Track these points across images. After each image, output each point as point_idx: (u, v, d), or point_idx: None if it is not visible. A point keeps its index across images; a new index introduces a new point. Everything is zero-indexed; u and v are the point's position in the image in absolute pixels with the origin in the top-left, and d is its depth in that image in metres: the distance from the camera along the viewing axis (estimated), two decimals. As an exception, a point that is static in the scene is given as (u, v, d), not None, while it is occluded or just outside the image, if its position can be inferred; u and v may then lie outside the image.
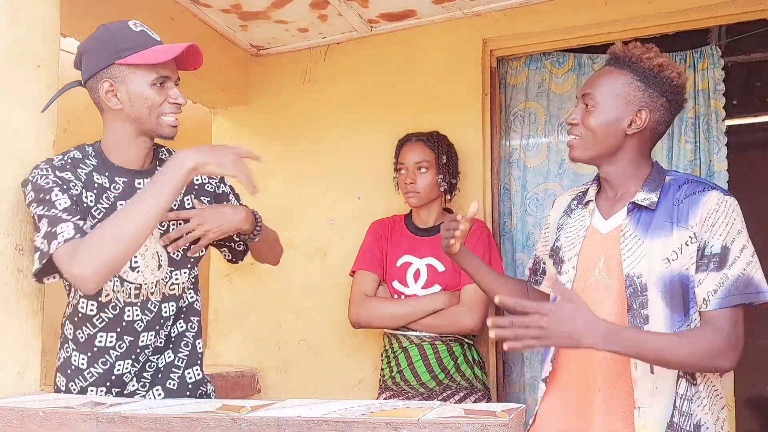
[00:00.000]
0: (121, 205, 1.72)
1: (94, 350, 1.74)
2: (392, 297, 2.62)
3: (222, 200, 1.93)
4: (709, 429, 1.63)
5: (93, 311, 1.73)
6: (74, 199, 1.63)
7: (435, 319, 2.52)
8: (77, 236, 1.56)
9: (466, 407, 1.30)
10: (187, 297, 1.85)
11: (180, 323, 1.84)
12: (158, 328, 1.79)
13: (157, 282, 1.78)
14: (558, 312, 1.52)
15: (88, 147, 1.76)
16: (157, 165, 1.82)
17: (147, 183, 1.77)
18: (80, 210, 1.64)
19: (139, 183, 1.76)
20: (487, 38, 2.96)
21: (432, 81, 3.01)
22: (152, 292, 1.77)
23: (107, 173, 1.74)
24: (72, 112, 2.66)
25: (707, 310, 1.61)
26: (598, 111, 1.74)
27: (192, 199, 1.86)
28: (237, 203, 1.95)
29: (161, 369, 1.81)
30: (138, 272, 1.74)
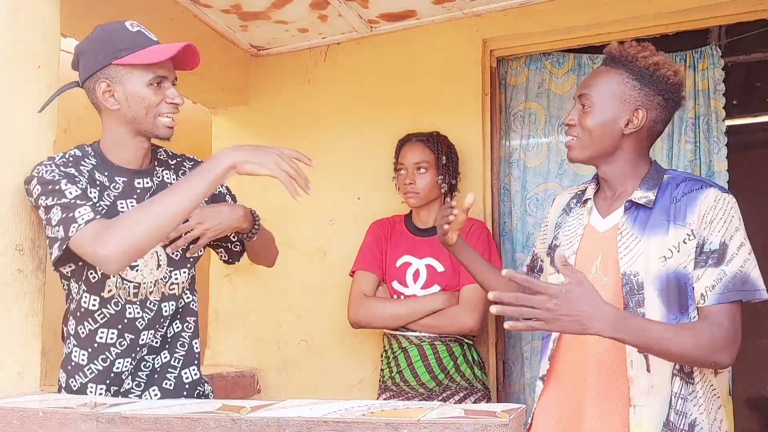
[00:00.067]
0: (122, 205, 1.72)
1: (95, 346, 1.74)
2: (392, 297, 2.62)
3: (219, 200, 1.94)
4: (704, 429, 1.62)
5: (95, 306, 1.73)
6: (83, 190, 1.64)
7: (434, 320, 2.52)
8: (97, 217, 1.57)
9: (467, 407, 1.30)
10: (185, 297, 1.86)
11: (176, 323, 1.84)
12: (158, 327, 1.80)
13: (156, 282, 1.78)
14: (567, 294, 1.46)
15: (87, 147, 1.77)
16: (156, 165, 1.83)
17: (147, 183, 1.77)
18: (89, 200, 1.64)
19: (139, 183, 1.76)
20: (487, 38, 2.96)
21: (432, 81, 3.01)
22: (151, 292, 1.77)
23: (107, 172, 1.74)
24: (72, 112, 2.65)
25: (705, 306, 1.61)
26: (595, 111, 1.74)
27: None
28: (233, 203, 1.96)
29: (157, 369, 1.81)
30: (137, 271, 1.75)
